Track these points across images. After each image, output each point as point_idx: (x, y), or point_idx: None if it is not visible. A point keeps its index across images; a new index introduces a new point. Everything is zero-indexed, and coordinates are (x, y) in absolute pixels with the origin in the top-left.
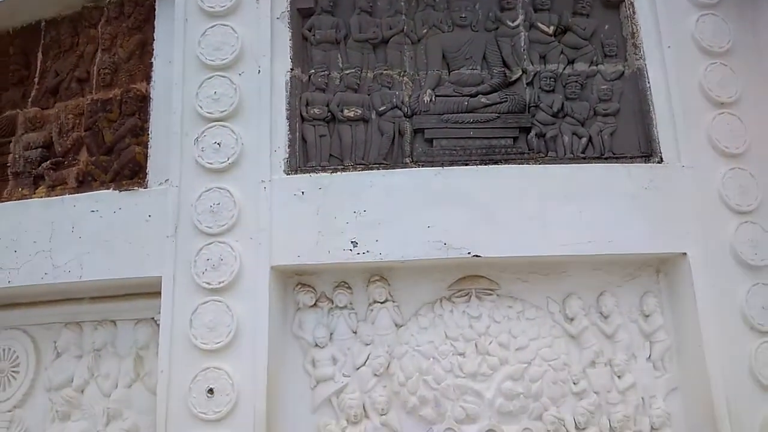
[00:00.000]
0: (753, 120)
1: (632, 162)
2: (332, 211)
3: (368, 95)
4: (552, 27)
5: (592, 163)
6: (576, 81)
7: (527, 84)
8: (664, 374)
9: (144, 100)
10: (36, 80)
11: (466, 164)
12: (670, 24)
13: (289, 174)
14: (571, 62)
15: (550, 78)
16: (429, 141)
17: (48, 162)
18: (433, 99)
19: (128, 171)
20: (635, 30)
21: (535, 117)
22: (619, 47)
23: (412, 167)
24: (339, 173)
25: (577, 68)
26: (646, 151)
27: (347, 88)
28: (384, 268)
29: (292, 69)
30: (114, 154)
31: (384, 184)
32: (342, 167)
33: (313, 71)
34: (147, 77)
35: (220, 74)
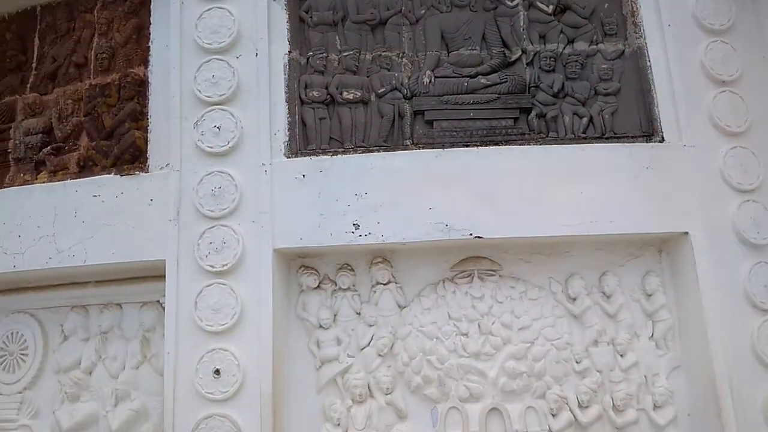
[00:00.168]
0: (754, 98)
1: (633, 141)
2: (333, 194)
3: (367, 77)
4: (551, 6)
5: (593, 143)
6: (576, 60)
7: (527, 64)
8: (667, 353)
9: (142, 85)
10: (34, 66)
11: (467, 146)
12: (671, 2)
13: (290, 157)
14: (571, 41)
15: (550, 58)
16: (429, 123)
17: (49, 147)
18: (433, 80)
19: (129, 156)
20: (635, 8)
21: (536, 97)
22: (619, 26)
23: (413, 149)
24: (339, 156)
25: (577, 47)
26: (648, 131)
27: (346, 71)
28: (386, 250)
29: (290, 52)
30: (114, 139)
31: (385, 167)
32: (342, 150)
33: (311, 54)
34: (145, 61)
35: (218, 57)
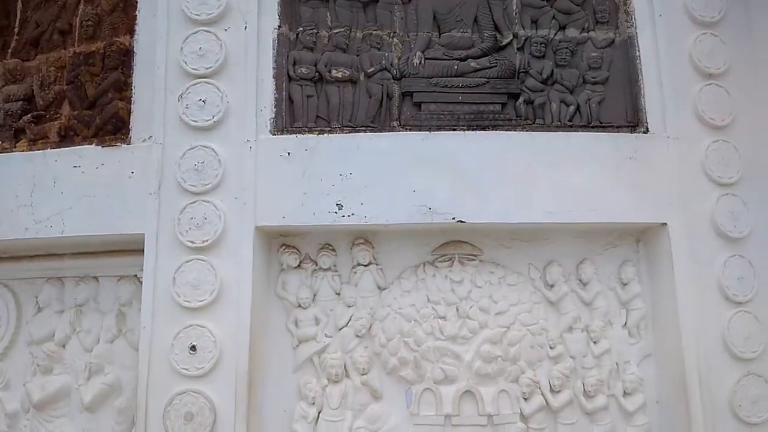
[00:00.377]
0: (740, 92)
1: (619, 131)
2: (318, 173)
3: (357, 56)
4: None
5: (579, 132)
6: (566, 47)
7: (518, 49)
8: (639, 341)
9: (127, 54)
10: (16, 30)
11: (454, 129)
12: None
13: (275, 134)
14: (563, 28)
15: (541, 44)
16: (417, 105)
17: (29, 115)
18: (423, 62)
19: (111, 126)
20: None
21: (525, 83)
22: (611, 14)
23: (400, 131)
24: (326, 135)
25: (568, 34)
26: (633, 121)
27: (336, 48)
28: (368, 231)
29: (280, 26)
30: (96, 109)
31: (371, 148)
32: (329, 129)
33: (301, 29)
34: (131, 30)
35: (206, 29)
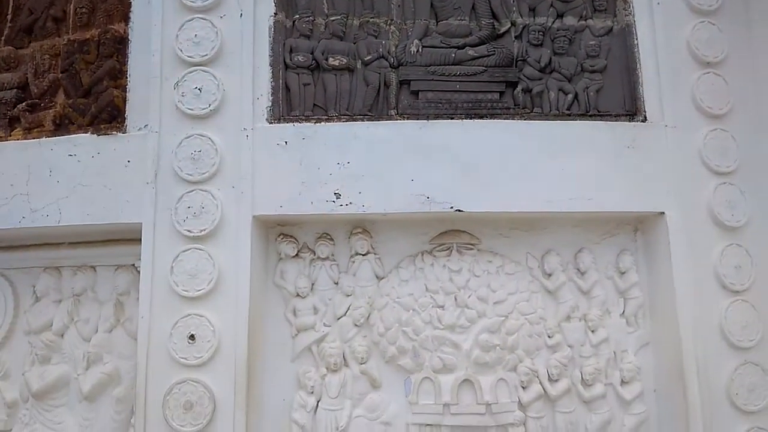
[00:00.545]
0: (737, 81)
1: (617, 120)
2: (316, 162)
3: (354, 44)
4: None
5: (577, 121)
6: (564, 36)
7: (515, 37)
8: (637, 330)
9: (122, 42)
10: (9, 17)
11: (452, 118)
12: None
13: (272, 123)
14: (561, 16)
15: (539, 32)
16: (415, 93)
17: (24, 104)
18: (420, 50)
19: (106, 115)
20: None
21: (522, 71)
22: (609, 2)
23: (397, 120)
24: (323, 124)
25: (566, 22)
26: (631, 110)
27: (332, 36)
28: (366, 221)
29: (276, 14)
30: (92, 97)
31: (368, 137)
32: (326, 118)
33: (298, 17)
34: (125, 17)
35: (201, 16)
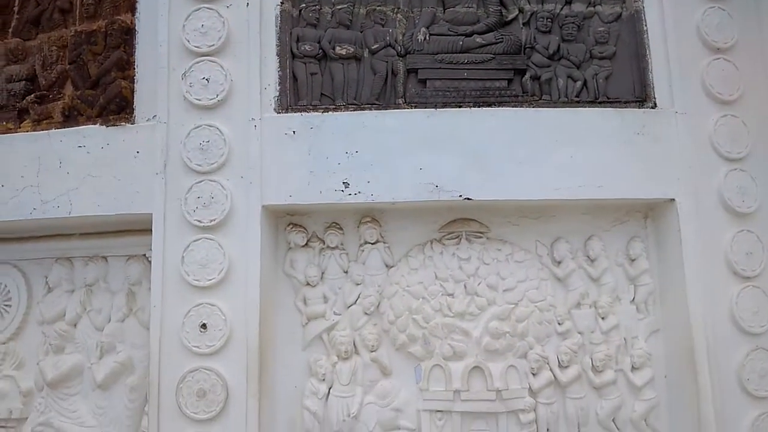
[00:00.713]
0: (748, 66)
1: (626, 107)
2: (324, 152)
3: (361, 32)
4: None
5: (586, 108)
6: (573, 22)
7: (523, 24)
8: (647, 316)
9: (129, 33)
10: (16, 9)
11: (460, 106)
12: None
13: (280, 113)
14: (569, 2)
15: (547, 18)
16: (422, 82)
17: (32, 96)
18: (428, 38)
19: (115, 106)
20: None
21: (531, 59)
22: None
23: (405, 108)
24: (331, 113)
25: (575, 9)
26: (641, 96)
27: (339, 25)
28: (375, 210)
29: (282, 3)
30: (100, 89)
31: (376, 125)
32: (334, 107)
33: (304, 5)
34: (132, 8)
35: (208, 6)
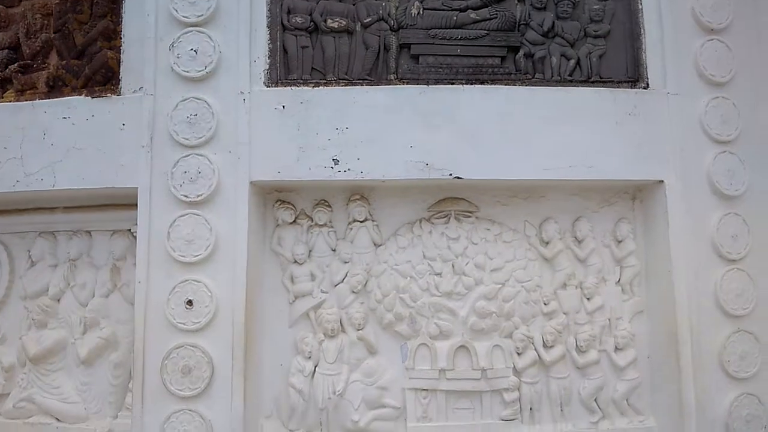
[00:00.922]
0: (741, 48)
1: (619, 86)
2: (314, 127)
3: (353, 5)
4: None
5: (579, 87)
6: None
7: (518, 0)
8: (632, 297)
9: (116, 1)
10: None
11: (452, 83)
12: None
13: (270, 86)
14: None
15: None
16: (415, 57)
17: (16, 65)
18: (421, 12)
19: (100, 77)
20: None
21: (525, 36)
22: None
23: (397, 84)
24: (321, 88)
25: None
26: (633, 76)
27: None
28: (365, 187)
29: None
30: (85, 59)
31: (367, 101)
32: (325, 81)
33: None
34: None
35: None
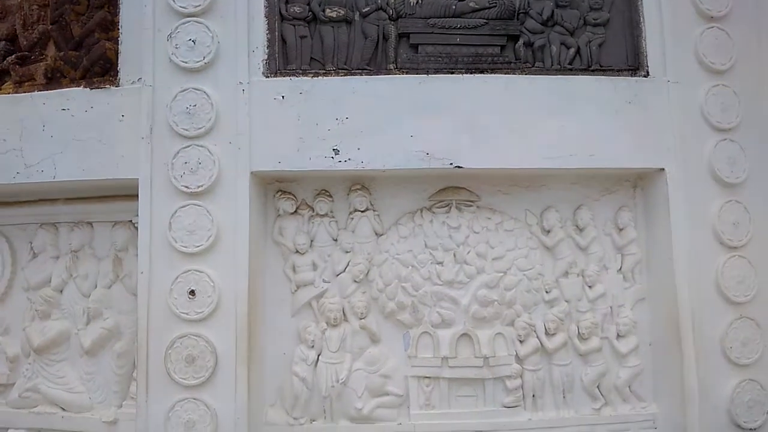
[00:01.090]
0: (741, 36)
1: (619, 75)
2: (314, 118)
3: None
4: None
5: (579, 75)
6: None
7: None
8: (633, 285)
9: None
10: None
11: (452, 72)
12: None
13: (269, 77)
14: None
15: None
16: (414, 47)
17: (13, 56)
18: (420, 1)
19: (99, 68)
20: None
21: (524, 24)
22: None
23: (396, 74)
24: (321, 78)
25: None
26: (633, 64)
27: None
28: (365, 177)
29: None
30: (83, 50)
31: (367, 91)
32: (324, 71)
33: None
34: None
35: None
